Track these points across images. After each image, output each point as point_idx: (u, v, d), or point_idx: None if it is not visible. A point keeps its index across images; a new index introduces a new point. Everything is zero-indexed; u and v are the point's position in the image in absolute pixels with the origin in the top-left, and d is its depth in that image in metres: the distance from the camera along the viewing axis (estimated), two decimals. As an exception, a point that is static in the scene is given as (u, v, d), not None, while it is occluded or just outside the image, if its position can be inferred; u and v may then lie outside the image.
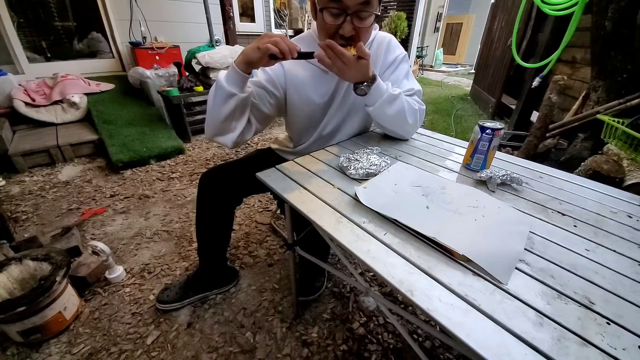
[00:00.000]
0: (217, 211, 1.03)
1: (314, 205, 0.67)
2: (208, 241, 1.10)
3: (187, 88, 2.80)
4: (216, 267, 1.19)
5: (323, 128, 1.01)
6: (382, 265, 0.50)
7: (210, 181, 0.98)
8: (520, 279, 0.49)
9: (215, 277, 1.21)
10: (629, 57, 1.52)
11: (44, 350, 1.02)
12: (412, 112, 0.93)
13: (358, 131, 1.09)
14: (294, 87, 0.92)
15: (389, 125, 0.98)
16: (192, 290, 1.18)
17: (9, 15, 2.67)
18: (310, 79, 0.92)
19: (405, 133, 1.04)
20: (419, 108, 0.96)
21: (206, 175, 0.99)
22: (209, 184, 0.98)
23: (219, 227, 1.08)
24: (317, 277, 1.24)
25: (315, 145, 1.04)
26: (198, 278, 1.19)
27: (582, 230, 0.62)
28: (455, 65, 9.87)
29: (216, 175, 0.99)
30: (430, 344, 1.06)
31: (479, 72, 4.93)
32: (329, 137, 1.05)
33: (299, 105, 0.95)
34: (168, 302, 1.14)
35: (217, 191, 0.98)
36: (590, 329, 0.40)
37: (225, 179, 0.99)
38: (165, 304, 1.14)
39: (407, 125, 0.96)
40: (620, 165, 1.31)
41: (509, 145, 2.23)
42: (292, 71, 0.91)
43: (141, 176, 2.20)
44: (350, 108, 0.99)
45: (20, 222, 1.67)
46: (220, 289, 1.24)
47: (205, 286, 1.20)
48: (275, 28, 5.29)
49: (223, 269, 1.23)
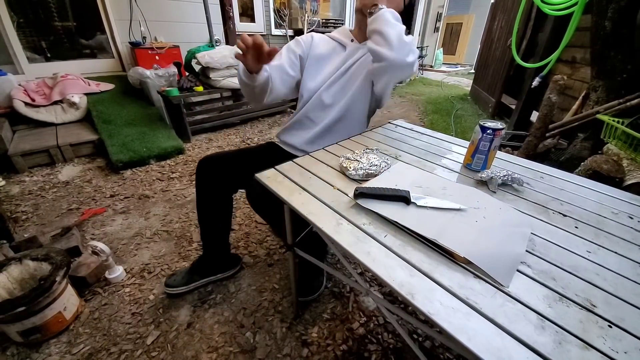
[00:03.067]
0: (213, 196, 1.10)
1: (313, 207, 0.67)
2: (208, 226, 1.16)
3: (187, 88, 2.80)
4: (219, 253, 1.24)
5: (325, 89, 1.11)
6: (382, 268, 0.50)
7: (206, 165, 1.07)
8: (522, 281, 0.48)
9: (218, 262, 1.27)
10: (629, 57, 1.52)
11: (43, 350, 1.02)
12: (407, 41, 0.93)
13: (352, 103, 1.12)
14: (315, 49, 1.15)
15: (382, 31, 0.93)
16: (198, 274, 1.23)
17: (8, 15, 2.67)
18: (329, 49, 1.15)
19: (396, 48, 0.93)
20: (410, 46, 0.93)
21: (203, 161, 1.07)
22: (204, 168, 1.07)
23: (216, 212, 1.13)
24: (316, 277, 1.24)
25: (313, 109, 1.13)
26: (202, 263, 1.24)
27: (583, 232, 0.62)
28: (455, 65, 9.85)
29: (212, 160, 1.07)
30: (430, 344, 1.06)
31: (479, 72, 4.92)
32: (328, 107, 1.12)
33: (313, 62, 1.14)
34: (175, 286, 1.19)
35: (212, 176, 1.06)
36: (591, 332, 0.40)
37: (221, 165, 1.06)
38: (173, 288, 1.19)
39: (396, 42, 0.91)
40: (620, 165, 1.31)
41: (509, 145, 2.23)
42: (317, 41, 1.17)
43: (141, 176, 2.20)
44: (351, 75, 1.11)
45: (20, 222, 1.67)
46: (224, 274, 1.29)
47: (210, 270, 1.25)
48: (275, 28, 5.28)
49: (226, 255, 1.28)
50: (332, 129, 1.13)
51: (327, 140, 1.09)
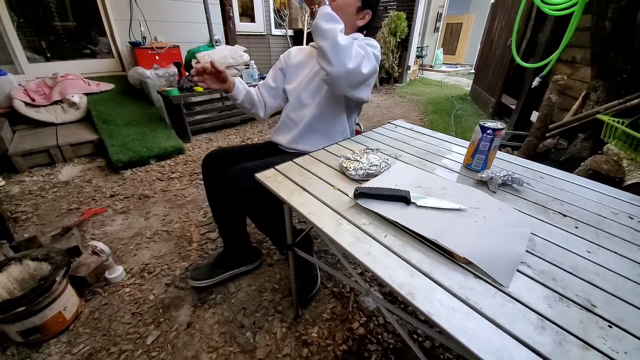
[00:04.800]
0: (222, 192, 1.15)
1: (313, 207, 0.67)
2: (223, 222, 1.23)
3: (187, 88, 2.80)
4: (239, 246, 1.29)
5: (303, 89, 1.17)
6: (382, 268, 0.50)
7: (210, 162, 1.14)
8: (522, 281, 0.48)
9: (240, 255, 1.31)
10: (629, 57, 1.52)
11: (43, 350, 1.02)
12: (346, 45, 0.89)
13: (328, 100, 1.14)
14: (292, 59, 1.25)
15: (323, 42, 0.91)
16: (222, 267, 1.28)
17: (8, 15, 2.67)
18: (305, 55, 1.23)
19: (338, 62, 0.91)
20: (356, 52, 0.92)
21: (207, 157, 1.15)
22: (209, 164, 1.14)
23: (228, 208, 1.18)
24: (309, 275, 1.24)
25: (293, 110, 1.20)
26: (225, 257, 1.29)
27: (583, 232, 0.62)
28: (455, 65, 9.86)
29: (216, 156, 1.15)
30: (430, 344, 1.06)
31: (479, 72, 4.92)
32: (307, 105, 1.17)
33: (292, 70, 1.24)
34: (201, 279, 1.24)
35: (218, 172, 1.12)
36: (592, 332, 0.40)
37: (225, 160, 1.12)
38: (199, 281, 1.24)
39: (339, 51, 0.89)
40: (620, 165, 1.31)
41: (509, 145, 2.23)
42: (294, 52, 1.26)
43: (141, 176, 2.20)
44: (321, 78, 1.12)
45: (20, 222, 1.67)
46: (247, 267, 1.33)
47: (233, 264, 1.30)
48: (275, 28, 5.28)
49: (246, 248, 1.32)
50: (314, 128, 1.16)
51: (311, 140, 1.16)
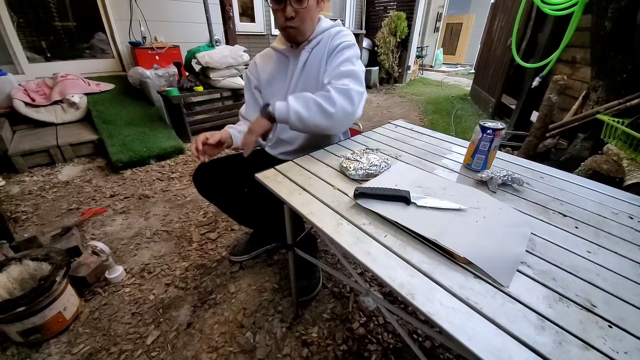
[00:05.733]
0: (222, 200, 1.18)
1: (313, 207, 0.67)
2: (237, 218, 1.31)
3: (187, 88, 2.80)
4: (263, 228, 1.34)
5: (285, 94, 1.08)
6: (382, 268, 0.50)
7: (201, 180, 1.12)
8: (522, 281, 0.48)
9: (268, 233, 1.41)
10: (629, 57, 1.52)
11: (43, 350, 1.02)
12: (329, 101, 0.85)
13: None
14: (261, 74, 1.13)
15: (315, 122, 0.87)
16: (256, 244, 1.42)
17: (9, 15, 2.67)
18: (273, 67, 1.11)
19: (338, 121, 0.89)
20: (342, 89, 0.86)
21: (196, 176, 1.12)
22: (200, 182, 1.12)
23: (235, 207, 1.21)
24: (313, 276, 1.24)
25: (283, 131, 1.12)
26: (256, 236, 1.43)
27: (583, 232, 0.62)
28: (455, 65, 9.85)
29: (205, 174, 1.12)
30: (430, 344, 1.06)
31: (479, 72, 4.92)
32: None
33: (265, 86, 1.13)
34: (239, 255, 1.39)
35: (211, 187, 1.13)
36: (592, 332, 0.40)
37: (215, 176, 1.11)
38: (238, 256, 1.39)
39: (332, 115, 0.86)
40: (620, 165, 1.31)
41: (509, 145, 2.23)
42: (260, 64, 1.14)
43: (141, 176, 2.20)
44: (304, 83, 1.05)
45: (20, 222, 1.67)
46: (278, 242, 1.44)
47: (265, 240, 1.43)
48: (275, 28, 5.28)
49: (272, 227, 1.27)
50: (310, 144, 1.08)
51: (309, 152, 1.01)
